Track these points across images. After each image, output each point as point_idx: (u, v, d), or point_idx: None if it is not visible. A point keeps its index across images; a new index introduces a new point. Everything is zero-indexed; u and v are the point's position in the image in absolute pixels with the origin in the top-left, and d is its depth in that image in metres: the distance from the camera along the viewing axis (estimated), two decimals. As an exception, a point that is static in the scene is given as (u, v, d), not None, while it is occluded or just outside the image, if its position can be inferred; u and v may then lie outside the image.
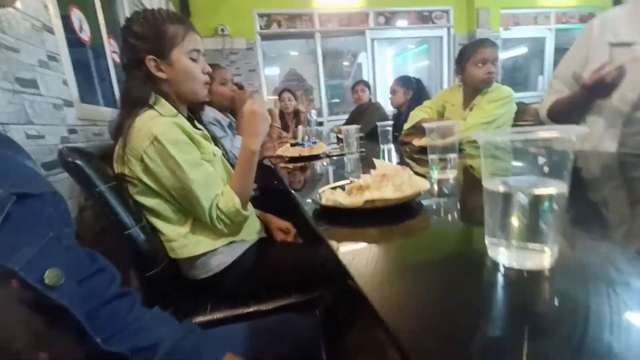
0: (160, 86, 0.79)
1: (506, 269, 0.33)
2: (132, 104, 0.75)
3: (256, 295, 0.81)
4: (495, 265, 0.34)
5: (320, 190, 0.64)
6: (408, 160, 1.33)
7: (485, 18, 4.45)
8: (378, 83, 4.54)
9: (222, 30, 3.77)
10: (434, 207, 0.60)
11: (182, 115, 0.82)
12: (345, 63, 5.70)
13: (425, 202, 0.60)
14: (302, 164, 1.45)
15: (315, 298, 0.80)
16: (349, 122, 2.89)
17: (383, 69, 4.86)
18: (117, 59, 2.01)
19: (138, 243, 0.69)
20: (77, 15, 1.54)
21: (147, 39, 0.75)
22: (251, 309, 0.78)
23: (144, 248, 0.70)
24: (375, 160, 0.68)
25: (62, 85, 1.19)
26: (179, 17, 0.80)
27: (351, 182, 0.69)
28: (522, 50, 5.34)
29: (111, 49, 1.92)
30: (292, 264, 0.85)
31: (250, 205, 0.91)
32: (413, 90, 2.30)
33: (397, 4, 4.32)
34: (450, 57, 4.58)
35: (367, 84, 2.80)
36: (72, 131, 1.21)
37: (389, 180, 0.57)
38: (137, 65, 0.77)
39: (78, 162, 0.65)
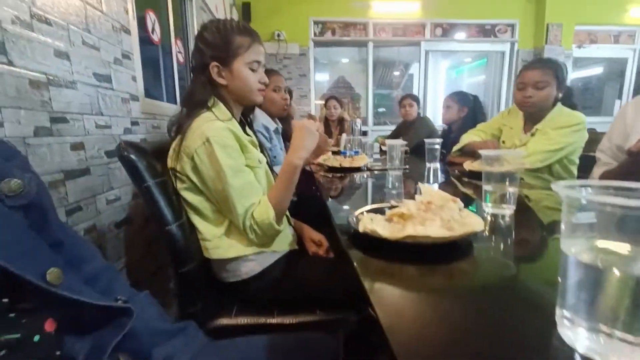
0: (219, 91, 0.85)
1: (583, 358, 0.26)
2: (193, 104, 0.82)
3: (281, 306, 0.80)
4: (569, 352, 0.26)
5: (357, 213, 0.61)
6: (455, 181, 1.24)
7: (556, 34, 4.09)
8: (429, 96, 4.38)
9: (279, 35, 3.90)
10: (485, 249, 0.53)
11: (235, 119, 0.86)
12: (396, 73, 5.59)
13: (474, 242, 0.54)
14: (342, 174, 1.43)
15: (340, 319, 0.77)
16: (394, 135, 2.80)
17: (435, 81, 4.68)
18: (182, 59, 2.17)
19: (176, 239, 0.72)
20: (151, 18, 1.68)
21: (214, 47, 0.82)
22: (275, 320, 0.77)
23: (181, 245, 0.73)
24: (421, 185, 0.63)
25: (131, 81, 1.30)
26: (248, 30, 0.85)
27: (392, 206, 0.65)
28: (597, 70, 4.81)
29: (177, 50, 2.07)
30: (320, 280, 0.83)
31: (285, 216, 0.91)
32: (469, 108, 2.16)
33: (457, 16, 4.15)
34: (512, 73, 4.27)
35: (415, 99, 2.70)
36: (134, 123, 1.31)
37: (435, 211, 0.52)
38: (202, 69, 0.83)
39: (132, 156, 0.70)
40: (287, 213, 1.00)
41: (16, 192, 0.37)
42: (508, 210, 0.68)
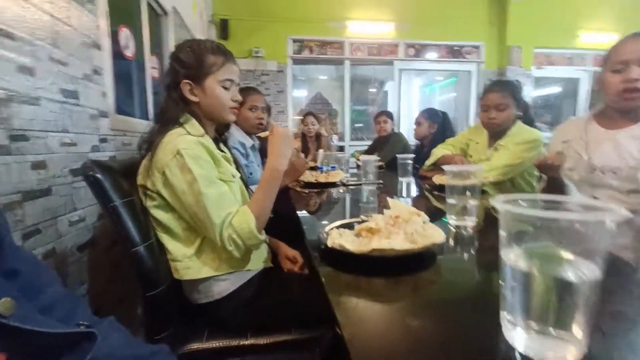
0: (192, 107, 0.85)
1: (523, 357, 0.28)
2: (165, 121, 0.81)
3: (255, 327, 0.78)
4: (510, 350, 0.29)
5: (327, 229, 0.62)
6: (427, 195, 1.29)
7: (517, 56, 4.42)
8: (403, 113, 4.55)
9: (257, 52, 3.95)
10: (447, 260, 0.56)
11: (209, 135, 0.85)
12: (372, 90, 5.78)
13: (438, 254, 0.56)
14: (318, 190, 1.44)
15: (315, 337, 0.76)
16: (369, 151, 2.88)
17: (409, 98, 4.90)
18: (156, 74, 2.14)
19: (143, 261, 0.70)
20: (125, 34, 1.66)
21: (187, 65, 0.83)
22: (248, 342, 0.75)
23: (148, 267, 0.70)
24: (390, 200, 0.65)
25: (100, 97, 1.27)
26: (221, 49, 0.86)
27: (362, 220, 0.67)
28: (555, 89, 5.22)
29: (151, 65, 2.05)
30: (294, 297, 0.82)
31: None
32: (438, 124, 2.27)
33: (428, 38, 4.39)
34: (479, 91, 4.54)
35: (390, 115, 2.80)
36: (103, 140, 1.27)
37: (401, 225, 0.54)
38: (175, 87, 0.84)
39: (98, 175, 0.68)
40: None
41: None
42: (470, 222, 0.72)
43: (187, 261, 0.77)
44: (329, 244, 0.53)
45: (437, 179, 1.28)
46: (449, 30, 4.37)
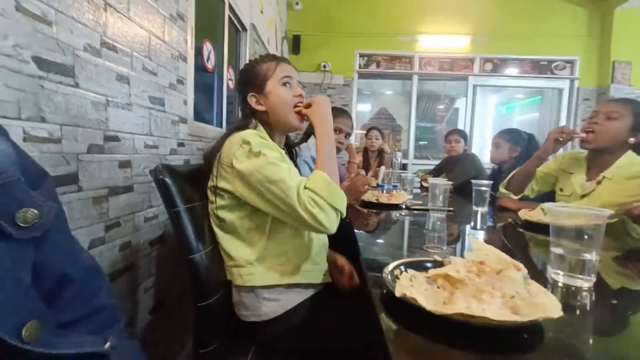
0: (261, 117, 0.87)
1: None
2: (235, 128, 0.84)
3: (301, 355, 0.71)
4: None
5: (391, 267, 0.53)
6: (508, 232, 1.10)
7: (624, 72, 3.75)
8: (475, 133, 4.18)
9: (324, 66, 4.04)
10: (557, 337, 0.41)
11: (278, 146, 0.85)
12: (440, 107, 5.46)
13: (545, 324, 0.41)
14: (378, 210, 1.35)
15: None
16: (437, 171, 2.66)
17: (483, 117, 4.49)
18: (232, 86, 2.30)
19: (199, 269, 0.69)
20: (207, 48, 1.81)
21: (247, 81, 0.89)
22: None
23: (202, 276, 0.69)
24: (473, 240, 0.54)
25: (182, 104, 1.38)
26: (271, 55, 0.91)
27: (434, 260, 0.57)
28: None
29: (228, 77, 2.20)
30: (347, 335, 0.74)
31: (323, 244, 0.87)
32: (522, 148, 1.98)
33: (508, 52, 3.99)
34: (572, 112, 3.95)
35: (463, 134, 2.55)
36: (180, 144, 1.37)
37: (492, 280, 0.42)
38: (243, 104, 0.89)
39: (167, 179, 0.70)
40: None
41: (30, 222, 0.35)
42: (585, 283, 0.55)
43: (249, 267, 0.76)
44: (398, 293, 0.43)
45: (524, 214, 1.08)
46: (536, 43, 3.92)
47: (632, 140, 1.15)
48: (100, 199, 0.88)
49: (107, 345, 0.38)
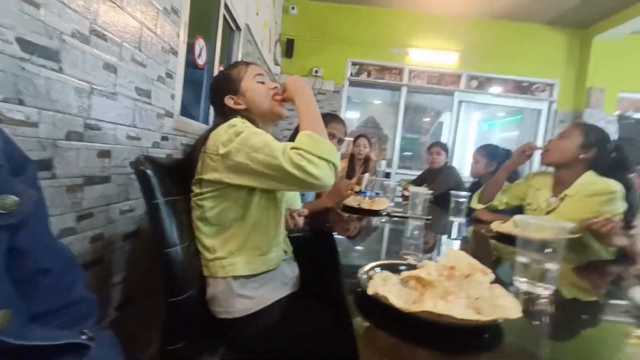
0: (242, 115, 0.87)
1: None
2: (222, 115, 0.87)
3: (273, 357, 0.72)
4: None
5: (367, 268, 0.55)
6: (482, 241, 1.15)
7: (597, 99, 3.97)
8: (457, 146, 4.31)
9: (316, 71, 4.08)
10: (515, 339, 0.44)
11: None
12: (426, 119, 5.61)
13: (505, 326, 0.44)
14: (359, 215, 1.37)
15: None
16: (419, 181, 2.73)
17: (466, 132, 4.64)
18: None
19: (174, 263, 0.68)
20: (200, 44, 1.80)
21: (221, 87, 0.92)
22: None
23: (178, 271, 0.69)
24: (447, 247, 0.57)
25: (169, 98, 1.36)
26: (239, 61, 0.99)
27: (408, 264, 0.59)
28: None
29: (218, 74, 2.19)
30: (317, 333, 0.75)
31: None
32: (498, 163, 2.06)
33: (494, 71, 4.17)
34: (549, 133, 4.15)
35: (444, 147, 2.64)
36: (164, 138, 1.35)
37: (460, 283, 0.44)
38: (221, 109, 0.91)
39: (148, 171, 0.69)
40: (290, 251, 0.96)
41: (8, 209, 0.35)
42: (545, 290, 0.58)
43: (231, 258, 0.76)
44: (370, 291, 0.45)
45: (497, 226, 1.13)
46: (519, 64, 4.10)
47: (582, 156, 1.25)
48: (74, 188, 0.86)
49: (84, 337, 0.38)
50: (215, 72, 2.15)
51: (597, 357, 0.44)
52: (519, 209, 1.50)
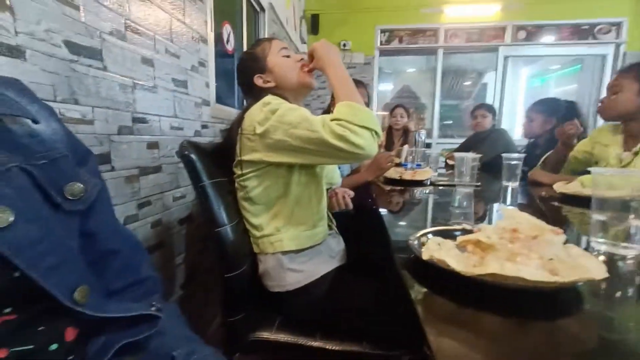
0: (272, 93, 0.84)
1: None
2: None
3: (325, 329, 0.74)
4: None
5: (419, 234, 0.52)
6: (541, 206, 1.04)
7: (680, 33, 3.34)
8: (505, 108, 3.94)
9: (344, 45, 3.92)
10: (597, 304, 0.39)
11: None
12: (467, 82, 5.17)
13: (584, 290, 0.40)
14: (402, 188, 1.32)
15: (389, 356, 0.67)
16: (464, 148, 2.55)
17: (515, 91, 4.20)
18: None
19: (225, 242, 0.71)
20: (227, 30, 1.80)
21: (248, 67, 0.92)
22: (316, 344, 0.71)
23: (230, 248, 0.72)
24: (505, 209, 0.52)
25: (204, 87, 1.40)
26: (261, 38, 0.96)
27: (464, 230, 0.55)
28: None
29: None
30: (368, 307, 0.75)
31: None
32: (558, 119, 1.83)
33: (545, 17, 3.66)
34: (616, 81, 3.61)
35: (490, 109, 2.42)
36: (204, 126, 1.40)
37: (529, 245, 0.40)
38: (250, 87, 0.91)
39: (192, 155, 0.72)
40: (334, 225, 0.95)
41: (77, 196, 0.37)
42: (630, 250, 0.51)
43: (278, 234, 0.78)
44: (425, 256, 0.42)
45: (560, 187, 1.02)
46: (575, 5, 3.56)
47: None
48: (131, 179, 0.93)
49: (153, 309, 0.41)
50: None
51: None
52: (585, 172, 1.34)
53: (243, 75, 0.93)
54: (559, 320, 0.36)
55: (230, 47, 1.86)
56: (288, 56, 0.90)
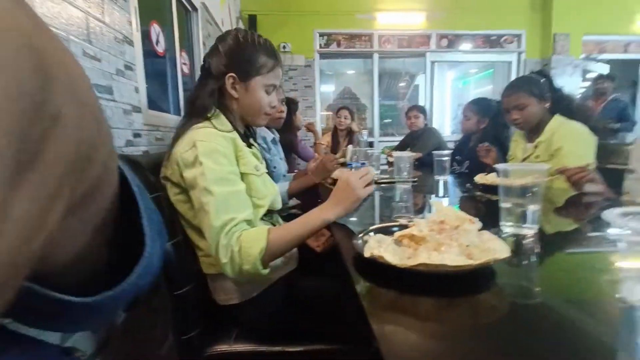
0: (226, 101, 0.81)
1: None
2: (194, 111, 0.78)
3: (285, 333, 0.74)
4: None
5: (361, 235, 0.56)
6: (467, 195, 1.18)
7: (563, 44, 4.05)
8: (435, 107, 4.34)
9: (284, 47, 3.93)
10: (507, 278, 0.47)
11: (239, 131, 0.81)
12: (402, 84, 5.59)
13: (497, 268, 0.47)
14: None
15: (348, 350, 0.71)
16: (401, 147, 2.75)
17: (442, 92, 4.65)
18: (187, 71, 2.17)
19: (169, 259, 0.67)
20: (155, 30, 1.68)
21: (237, 59, 0.78)
22: (277, 349, 0.71)
23: (173, 265, 0.68)
24: (434, 202, 0.58)
25: (133, 92, 1.28)
26: (274, 51, 0.82)
27: (400, 225, 0.60)
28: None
29: (182, 61, 2.07)
30: (325, 305, 0.77)
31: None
32: (490, 119, 1.96)
33: (462, 27, 4.14)
34: (519, 83, 4.22)
35: (422, 110, 2.65)
36: (136, 135, 1.29)
37: (451, 234, 0.46)
38: (216, 77, 0.79)
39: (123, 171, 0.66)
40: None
41: None
42: (529, 230, 0.62)
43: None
44: (367, 254, 0.46)
45: (480, 179, 1.16)
46: (486, 18, 4.09)
47: (547, 105, 1.30)
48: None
49: None
50: (178, 60, 2.03)
51: (582, 282, 0.47)
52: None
53: (222, 58, 0.78)
54: (480, 294, 0.42)
55: (160, 48, 1.74)
56: (268, 93, 0.82)
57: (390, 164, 2.31)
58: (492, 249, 0.43)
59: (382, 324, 0.35)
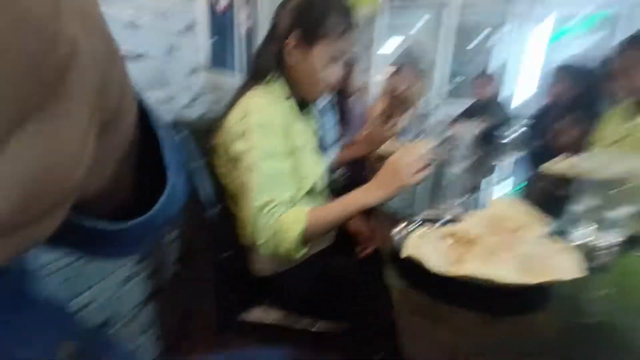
0: (283, 66, 0.75)
1: None
2: (255, 72, 0.75)
3: (314, 311, 0.78)
4: None
5: (401, 225, 0.52)
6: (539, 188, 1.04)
7: None
8: (510, 72, 3.75)
9: None
10: (572, 298, 0.40)
11: (296, 98, 0.77)
12: (474, 44, 4.89)
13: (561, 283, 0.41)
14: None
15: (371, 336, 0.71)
16: (465, 116, 2.50)
17: (521, 54, 3.97)
18: (249, 25, 2.14)
19: (214, 224, 0.72)
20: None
21: (303, 15, 0.69)
22: (304, 324, 0.77)
23: (219, 231, 0.73)
24: (493, 200, 0.51)
25: (197, 51, 1.32)
26: (350, 14, 0.71)
27: (449, 219, 0.55)
28: None
29: (243, 18, 2.05)
30: (356, 286, 0.76)
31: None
32: (588, 86, 1.57)
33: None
34: None
35: (491, 77, 2.32)
36: (195, 98, 1.34)
37: (508, 238, 0.41)
38: (279, 36, 0.72)
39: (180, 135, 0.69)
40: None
41: None
42: (613, 237, 0.51)
43: None
44: (405, 252, 0.42)
45: (551, 167, 0.97)
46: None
47: None
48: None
49: None
50: (238, 18, 2.00)
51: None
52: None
53: (287, 14, 0.70)
54: (528, 314, 0.38)
55: (221, 5, 1.73)
56: (335, 62, 0.72)
57: (449, 137, 2.12)
58: (556, 266, 0.36)
59: (411, 332, 0.33)
